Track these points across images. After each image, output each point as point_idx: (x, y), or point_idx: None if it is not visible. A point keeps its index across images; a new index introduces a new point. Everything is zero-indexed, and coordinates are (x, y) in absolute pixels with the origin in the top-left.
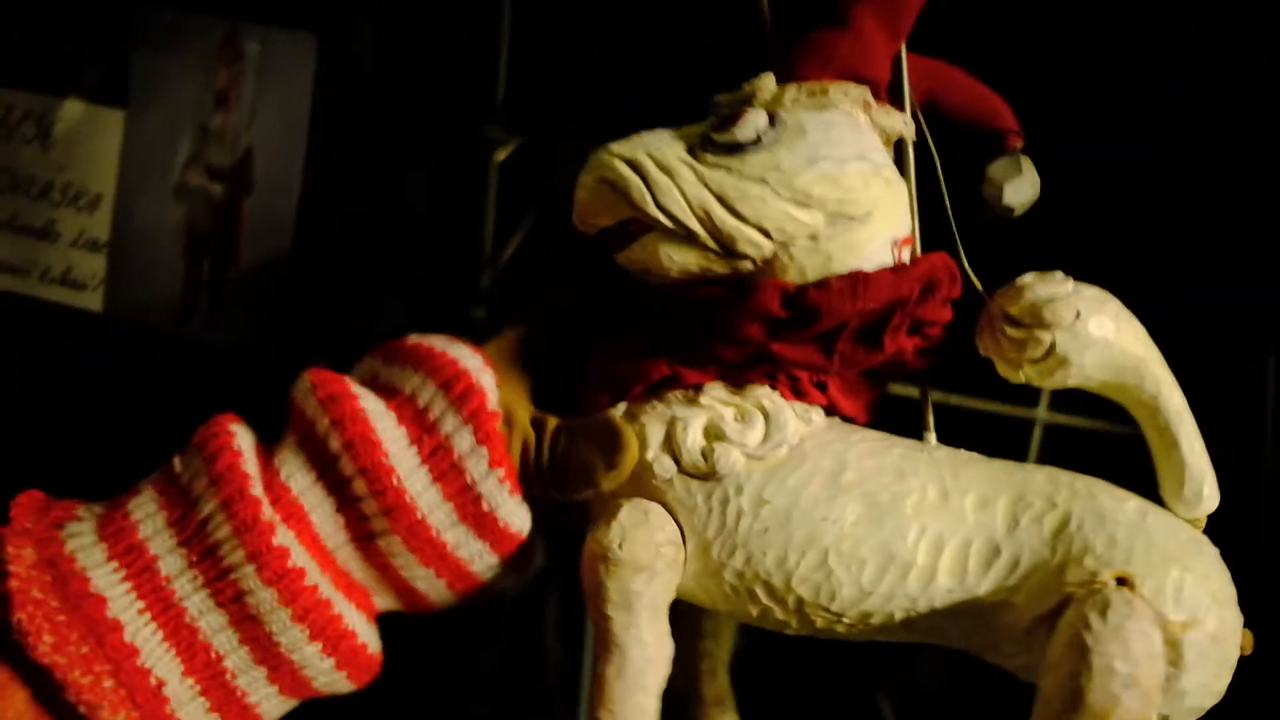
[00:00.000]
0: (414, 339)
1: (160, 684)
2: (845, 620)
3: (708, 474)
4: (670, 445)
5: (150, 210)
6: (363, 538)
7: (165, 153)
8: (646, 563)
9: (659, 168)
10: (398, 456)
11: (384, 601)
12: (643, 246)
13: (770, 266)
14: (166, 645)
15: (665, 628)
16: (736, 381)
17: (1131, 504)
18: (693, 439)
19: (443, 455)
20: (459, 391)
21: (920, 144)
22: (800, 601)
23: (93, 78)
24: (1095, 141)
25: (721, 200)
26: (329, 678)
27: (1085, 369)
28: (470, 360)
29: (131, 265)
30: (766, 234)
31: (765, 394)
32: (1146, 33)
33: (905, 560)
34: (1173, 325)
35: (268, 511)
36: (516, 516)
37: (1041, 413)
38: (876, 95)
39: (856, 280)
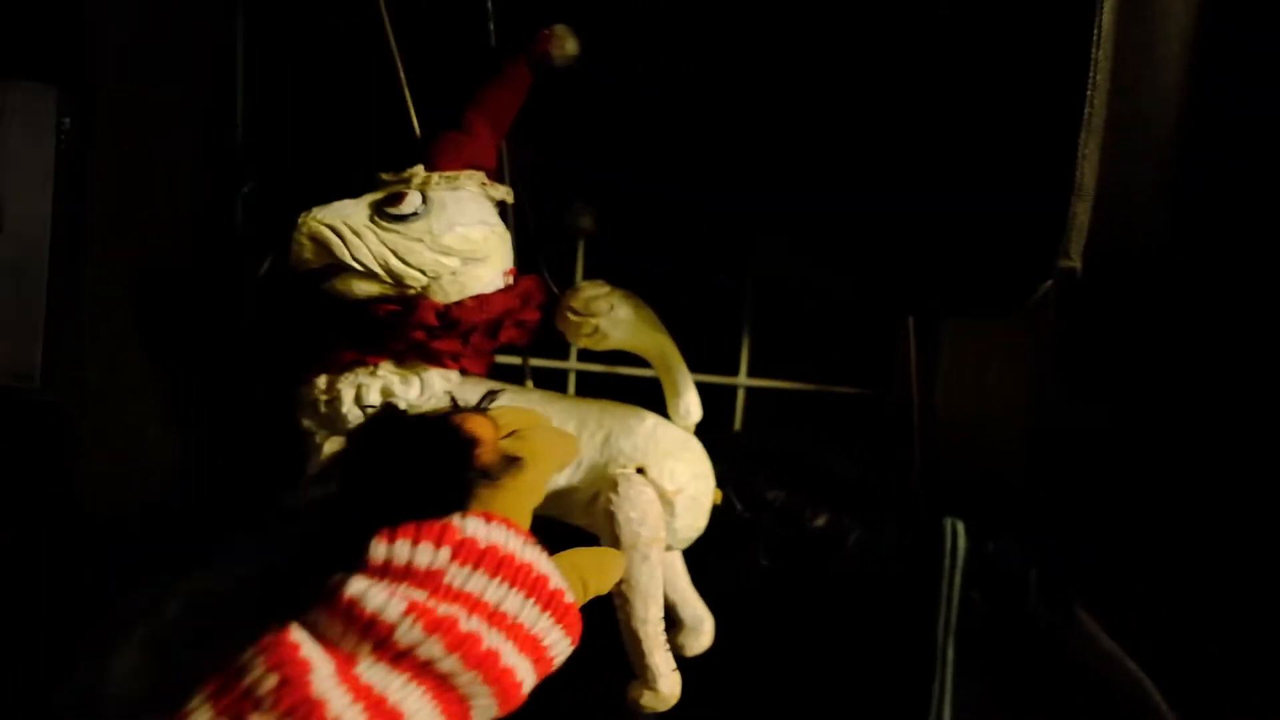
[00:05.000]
0: (487, 543)
1: None
2: None
3: None
4: (359, 400)
5: None
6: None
7: None
8: None
9: (351, 231)
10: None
11: None
12: (341, 281)
13: (426, 292)
14: None
15: None
16: (400, 360)
17: (649, 420)
18: (373, 396)
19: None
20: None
21: (517, 204)
22: None
23: None
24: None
25: (394, 253)
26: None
27: (618, 338)
28: (545, 565)
29: None
30: (423, 273)
31: (420, 366)
32: None
33: None
34: None
35: None
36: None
37: (574, 364)
38: (489, 174)
39: (482, 300)
